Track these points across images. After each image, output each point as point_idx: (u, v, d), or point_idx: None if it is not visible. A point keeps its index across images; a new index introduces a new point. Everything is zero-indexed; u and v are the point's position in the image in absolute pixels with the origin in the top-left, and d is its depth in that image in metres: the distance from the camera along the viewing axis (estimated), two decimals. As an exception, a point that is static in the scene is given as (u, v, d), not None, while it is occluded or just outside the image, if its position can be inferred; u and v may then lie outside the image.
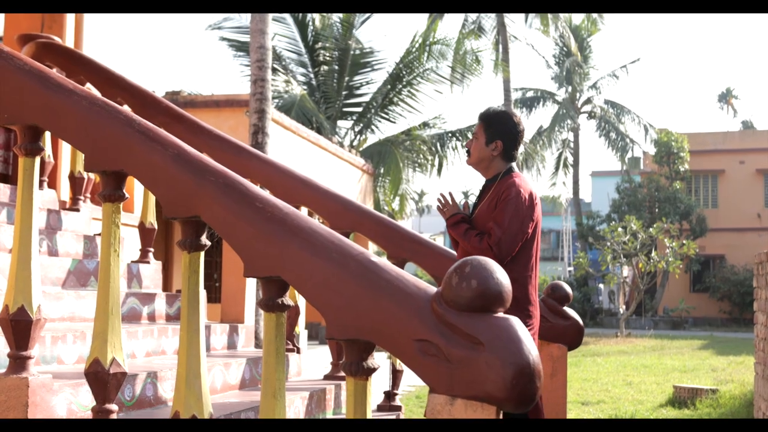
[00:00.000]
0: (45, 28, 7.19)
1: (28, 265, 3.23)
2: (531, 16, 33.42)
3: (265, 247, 2.75)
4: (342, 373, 5.24)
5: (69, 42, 7.28)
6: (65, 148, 6.75)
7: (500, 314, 2.43)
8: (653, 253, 29.12)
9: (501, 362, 2.32)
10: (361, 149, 23.79)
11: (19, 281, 3.21)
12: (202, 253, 3.04)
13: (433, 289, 2.51)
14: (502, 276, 2.45)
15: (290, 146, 15.06)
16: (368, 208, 5.57)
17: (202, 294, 3.05)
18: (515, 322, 2.41)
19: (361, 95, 25.30)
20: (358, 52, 25.00)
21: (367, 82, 25.31)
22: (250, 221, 2.79)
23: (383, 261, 2.61)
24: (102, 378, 3.07)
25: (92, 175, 6.09)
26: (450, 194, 4.98)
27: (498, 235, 4.55)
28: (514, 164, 4.86)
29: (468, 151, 4.92)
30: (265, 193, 2.88)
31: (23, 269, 3.22)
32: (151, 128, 3.08)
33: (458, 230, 4.74)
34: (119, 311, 3.14)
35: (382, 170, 22.78)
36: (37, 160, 3.31)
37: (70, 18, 7.36)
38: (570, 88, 43.38)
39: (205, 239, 3.02)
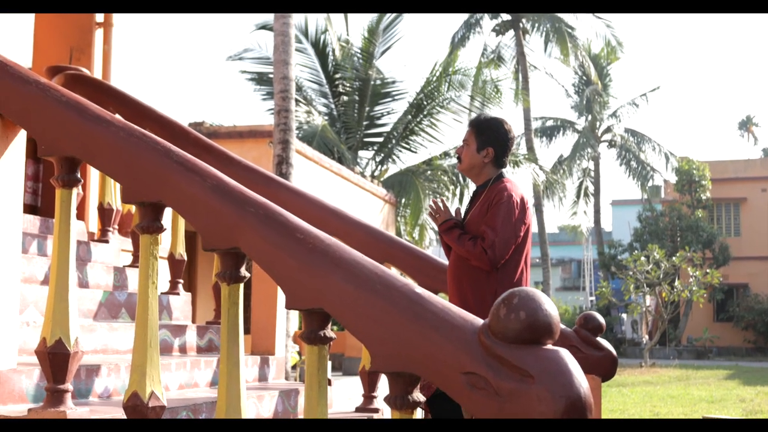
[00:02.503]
0: (73, 60, 7.23)
1: (66, 298, 3.21)
2: (550, 45, 33.44)
3: (306, 278, 2.71)
4: (375, 405, 5.20)
5: (97, 73, 7.31)
6: (93, 179, 6.75)
7: (549, 346, 2.38)
8: (676, 282, 28.94)
9: (552, 395, 2.27)
10: (382, 179, 23.78)
11: (57, 313, 3.19)
12: (242, 285, 3.01)
13: (479, 321, 2.46)
14: (550, 307, 2.41)
15: (313, 177, 15.06)
16: (399, 239, 5.53)
17: (241, 326, 3.02)
18: (565, 354, 2.37)
19: (381, 125, 25.31)
20: (378, 82, 25.04)
21: (388, 112, 25.32)
22: (291, 253, 2.76)
23: (428, 293, 2.58)
24: (141, 411, 3.03)
25: (120, 207, 6.09)
26: (442, 200, 5.00)
27: (492, 238, 4.57)
28: (504, 170, 4.89)
29: (459, 158, 4.94)
30: (306, 225, 2.85)
31: (60, 301, 3.20)
32: (189, 159, 3.06)
33: (451, 235, 4.74)
34: (158, 344, 3.12)
35: (403, 200, 22.75)
36: (74, 191, 3.30)
37: (98, 50, 7.39)
38: (590, 117, 43.34)
39: (244, 271, 2.99)
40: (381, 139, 25.08)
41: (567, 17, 33.76)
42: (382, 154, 24.97)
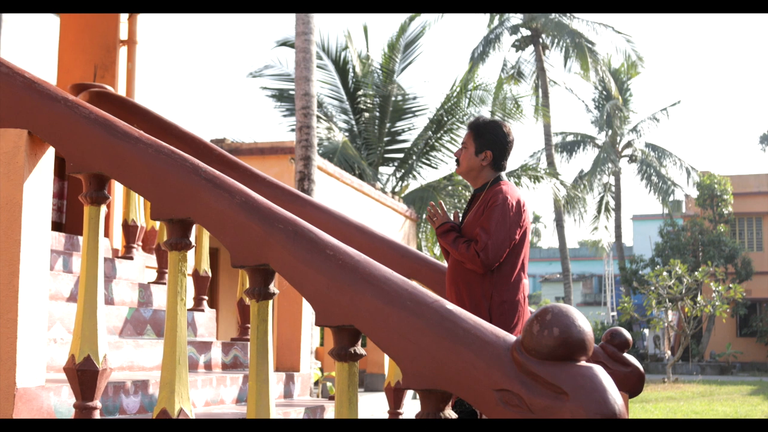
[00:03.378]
0: (98, 78, 7.26)
1: (94, 314, 3.21)
2: (570, 60, 33.40)
3: (336, 295, 2.70)
4: (401, 422, 5.15)
5: (121, 91, 7.35)
6: (117, 196, 6.77)
7: (583, 362, 2.36)
8: (699, 297, 28.76)
9: (586, 412, 2.25)
10: (403, 195, 23.78)
11: (85, 330, 3.19)
12: (271, 302, 3.01)
13: (512, 338, 2.45)
14: (584, 323, 2.39)
15: (335, 193, 15.07)
16: (424, 255, 5.51)
17: (271, 343, 3.01)
18: (599, 370, 2.34)
19: (402, 141, 25.33)
20: (399, 98, 25.07)
21: (409, 128, 25.35)
22: (321, 269, 2.75)
23: (459, 309, 2.56)
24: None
25: (144, 223, 6.10)
26: (440, 204, 5.00)
27: (484, 241, 4.56)
28: (502, 174, 4.88)
29: (457, 161, 4.93)
30: (335, 241, 2.84)
31: (89, 318, 3.20)
32: (218, 176, 3.06)
33: (447, 239, 4.75)
34: (186, 361, 3.11)
35: (423, 216, 22.72)
36: (103, 208, 3.30)
37: (122, 67, 7.43)
38: (610, 132, 43.21)
39: (273, 287, 2.98)
40: (402, 155, 25.10)
41: (587, 32, 33.74)
42: (403, 170, 24.97)
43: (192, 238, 3.27)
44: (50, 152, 3.45)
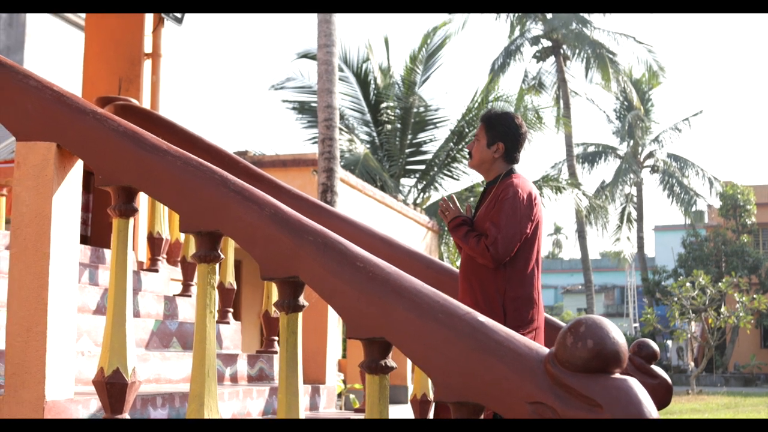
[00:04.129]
0: (122, 91, 7.29)
1: (123, 327, 3.21)
2: (591, 70, 33.32)
3: (367, 307, 2.69)
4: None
5: (145, 104, 7.37)
6: (142, 208, 6.79)
7: (618, 375, 2.34)
8: (723, 308, 28.58)
9: (621, 426, 2.23)
10: (424, 207, 23.76)
11: (114, 343, 3.19)
12: (300, 314, 2.99)
13: (545, 350, 2.42)
14: (618, 335, 2.36)
15: (357, 205, 15.08)
16: (449, 266, 5.49)
17: (300, 356, 3.00)
18: (634, 383, 2.32)
19: (424, 153, 25.34)
20: (420, 109, 25.09)
21: (430, 140, 25.36)
22: (351, 281, 2.73)
23: (491, 321, 2.54)
24: (199, 442, 3.01)
25: (169, 236, 6.10)
26: (452, 198, 4.96)
27: (494, 236, 4.50)
28: (515, 166, 4.82)
29: (469, 153, 4.89)
30: (365, 253, 2.82)
31: (118, 331, 3.20)
32: (247, 188, 3.06)
33: (458, 233, 4.70)
34: (215, 374, 3.10)
35: (446, 228, 22.70)
36: (131, 221, 3.30)
37: (146, 80, 7.45)
38: (632, 142, 43.06)
39: (303, 300, 2.97)
40: (423, 167, 25.09)
41: (608, 42, 33.69)
42: (425, 182, 24.97)
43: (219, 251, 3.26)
44: (78, 165, 3.46)
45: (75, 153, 3.37)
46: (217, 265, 3.15)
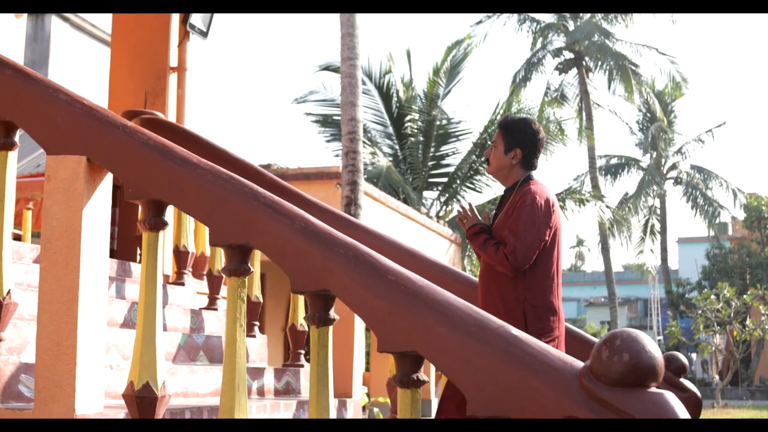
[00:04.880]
0: (148, 105, 7.32)
1: (153, 341, 3.21)
2: (614, 82, 33.19)
3: (399, 321, 2.67)
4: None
5: (171, 117, 7.39)
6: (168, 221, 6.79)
7: (654, 389, 2.31)
8: (748, 321, 28.37)
9: (658, 440, 2.20)
10: (447, 219, 23.73)
11: (144, 357, 3.19)
12: (331, 328, 2.98)
13: (579, 363, 2.40)
14: (654, 348, 2.34)
15: (380, 218, 15.06)
16: (476, 279, 5.46)
17: (331, 369, 2.98)
18: (670, 397, 2.30)
19: (446, 165, 25.31)
20: (443, 122, 25.09)
21: (453, 152, 25.34)
22: (382, 295, 2.72)
23: (524, 334, 2.52)
24: (229, 456, 3.00)
25: (194, 249, 6.10)
26: (470, 205, 4.93)
27: (513, 244, 4.47)
28: (533, 172, 4.79)
29: (487, 160, 4.88)
30: (396, 266, 2.81)
31: (148, 345, 3.20)
32: (277, 201, 3.05)
33: (477, 241, 4.67)
34: (245, 387, 3.09)
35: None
36: (161, 234, 3.30)
37: (172, 94, 7.48)
38: (655, 154, 42.91)
39: (333, 313, 2.96)
40: (446, 179, 25.07)
41: (630, 54, 33.58)
42: (447, 194, 24.94)
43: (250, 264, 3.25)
44: (108, 178, 3.46)
45: (105, 166, 3.37)
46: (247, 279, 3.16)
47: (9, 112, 3.53)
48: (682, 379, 5.39)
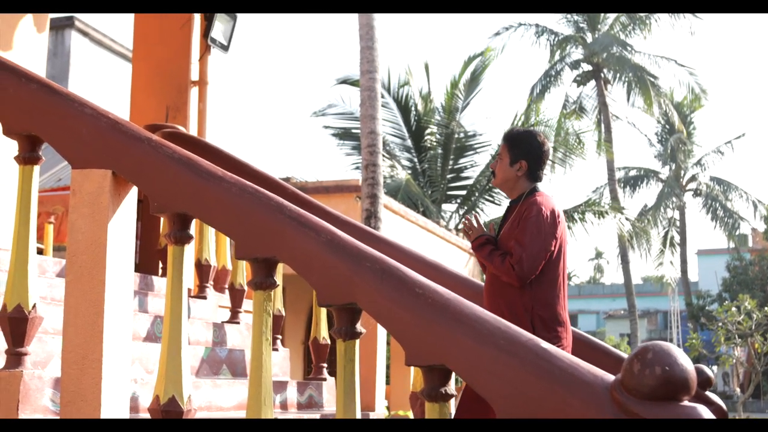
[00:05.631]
0: (170, 118, 7.34)
1: (178, 355, 3.20)
2: (633, 94, 33.08)
3: (426, 334, 2.65)
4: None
5: (192, 131, 7.41)
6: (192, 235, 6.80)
7: (686, 402, 2.29)
8: (769, 333, 28.16)
9: (691, 454, 2.18)
10: (466, 232, 23.65)
11: (170, 371, 3.18)
12: (358, 341, 2.97)
13: (610, 377, 2.38)
14: (686, 361, 2.32)
15: (400, 230, 15.05)
16: (499, 292, 5.44)
17: (358, 383, 2.97)
18: (703, 410, 2.27)
19: (465, 178, 25.29)
20: (461, 135, 25.07)
21: (471, 165, 25.32)
22: (410, 308, 2.70)
23: (554, 347, 2.50)
24: (256, 471, 2.99)
25: (216, 263, 6.10)
26: (475, 217, 4.96)
27: (519, 254, 4.49)
28: (539, 184, 4.82)
29: (493, 173, 4.89)
30: (423, 279, 2.79)
31: (173, 359, 3.19)
32: (303, 214, 3.04)
33: (483, 252, 4.70)
34: (271, 402, 3.08)
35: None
36: (187, 248, 3.30)
37: (193, 108, 7.50)
38: (674, 166, 42.77)
39: (360, 327, 2.94)
40: (464, 192, 25.04)
41: (649, 66, 33.48)
42: (466, 207, 24.90)
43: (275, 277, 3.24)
44: (133, 192, 3.47)
45: (130, 180, 3.37)
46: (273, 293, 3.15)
47: (35, 126, 3.53)
48: (707, 392, 5.35)
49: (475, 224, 4.87)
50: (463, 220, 4.97)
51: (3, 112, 3.58)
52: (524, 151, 4.79)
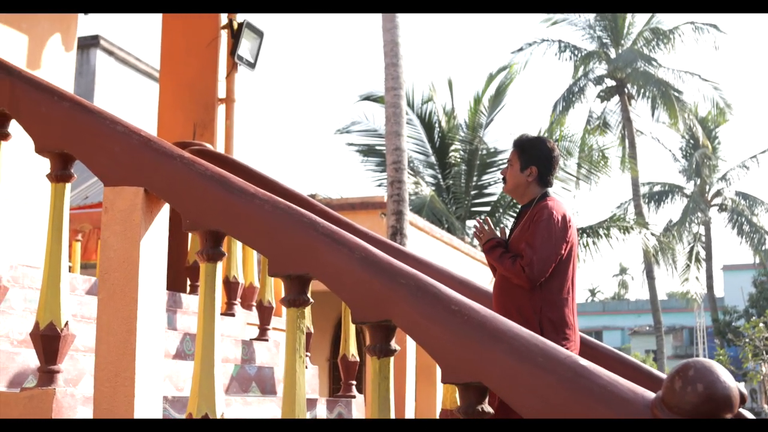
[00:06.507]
0: (197, 136, 7.35)
1: (212, 372, 3.19)
2: (657, 109, 32.96)
3: (463, 351, 2.63)
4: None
5: (220, 148, 7.42)
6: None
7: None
8: (797, 349, 27.91)
9: (734, 473, 2.14)
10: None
11: (203, 388, 3.17)
12: (392, 359, 2.94)
13: (650, 394, 2.35)
14: (728, 379, 2.29)
15: (425, 247, 15.02)
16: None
17: (393, 401, 2.94)
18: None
19: (489, 194, 25.21)
20: (485, 151, 25.02)
21: (495, 181, 25.23)
22: (446, 325, 2.68)
23: (592, 365, 2.47)
24: (290, 489, 2.97)
25: (243, 280, 6.10)
26: (486, 220, 5.02)
27: (530, 256, 4.54)
28: (549, 189, 4.88)
29: (504, 179, 4.97)
30: (459, 296, 2.77)
31: (207, 376, 3.18)
32: (336, 231, 3.03)
33: (494, 255, 4.75)
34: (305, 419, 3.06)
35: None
36: (219, 265, 3.29)
37: (220, 125, 7.51)
38: (699, 181, 42.55)
39: (394, 344, 2.92)
40: (488, 209, 24.96)
41: (673, 81, 33.37)
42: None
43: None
44: (165, 209, 3.46)
45: (162, 197, 3.37)
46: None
47: (67, 144, 3.54)
48: (740, 410, 5.30)
49: (486, 228, 4.92)
50: (474, 224, 5.01)
51: (36, 130, 3.59)
52: (534, 156, 4.87)
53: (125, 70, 20.73)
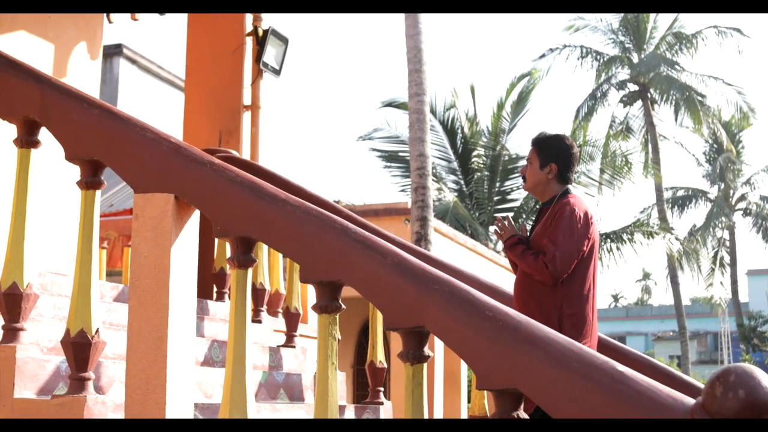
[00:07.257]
0: (222, 143, 7.36)
1: (243, 379, 3.18)
2: (681, 114, 32.80)
3: (498, 357, 2.60)
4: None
5: (245, 155, 7.42)
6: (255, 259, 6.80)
7: (771, 427, 2.22)
8: (824, 354, 27.75)
9: (778, 481, 2.11)
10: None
11: (234, 395, 3.16)
12: (425, 365, 2.92)
13: (690, 400, 2.32)
14: (770, 384, 2.25)
15: (449, 253, 14.98)
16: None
17: (426, 408, 2.92)
18: (789, 436, 2.20)
19: (512, 200, 25.17)
20: (507, 158, 24.97)
21: (518, 187, 25.18)
22: (480, 331, 2.65)
23: (630, 370, 2.44)
24: (323, 497, 2.95)
25: (269, 286, 6.09)
26: (507, 218, 5.03)
27: (552, 252, 4.53)
28: (570, 186, 4.87)
29: (523, 177, 4.98)
30: (493, 301, 2.75)
31: (238, 383, 3.17)
32: (368, 237, 3.01)
33: (515, 251, 4.73)
34: (338, 427, 3.04)
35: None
36: (249, 272, 3.28)
37: (246, 132, 7.52)
38: (723, 185, 42.34)
39: (428, 350, 2.90)
40: (512, 214, 24.91)
41: (696, 85, 33.21)
42: (514, 229, 24.73)
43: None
44: (195, 216, 3.46)
45: (193, 204, 3.36)
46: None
47: (97, 152, 3.54)
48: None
49: (507, 225, 4.93)
50: (495, 222, 5.03)
51: (67, 137, 3.59)
52: (553, 154, 4.87)
53: (148, 78, 20.82)
